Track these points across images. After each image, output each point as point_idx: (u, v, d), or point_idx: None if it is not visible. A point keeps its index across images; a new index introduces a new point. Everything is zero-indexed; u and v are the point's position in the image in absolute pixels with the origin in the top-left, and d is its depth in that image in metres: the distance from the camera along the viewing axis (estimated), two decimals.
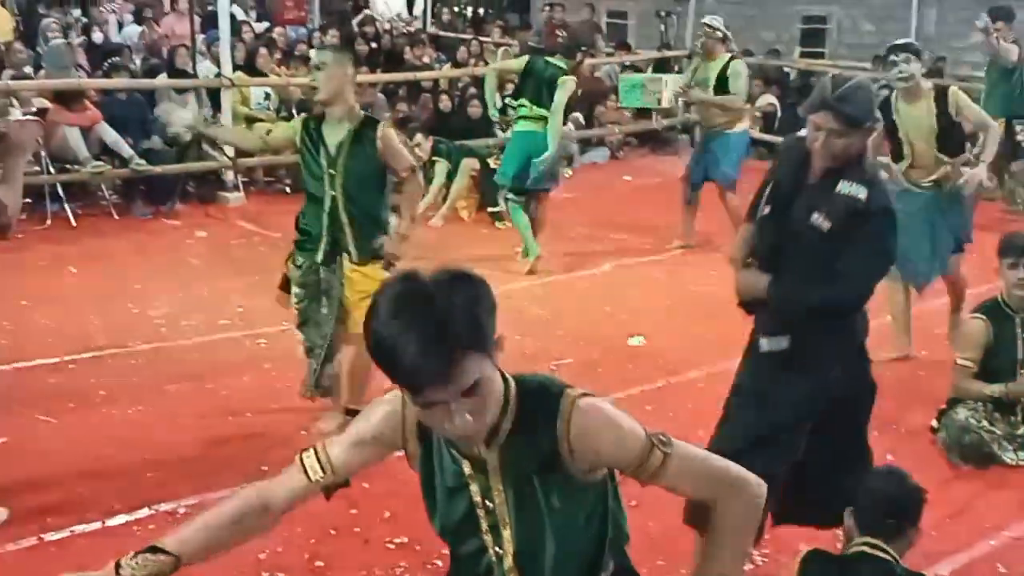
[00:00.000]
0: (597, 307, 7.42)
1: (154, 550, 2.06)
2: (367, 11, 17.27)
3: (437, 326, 1.84)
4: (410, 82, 12.35)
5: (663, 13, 15.03)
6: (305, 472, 2.20)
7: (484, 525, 2.19)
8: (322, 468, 2.19)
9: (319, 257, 4.99)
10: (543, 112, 7.91)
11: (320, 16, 16.67)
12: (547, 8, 16.58)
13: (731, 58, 8.76)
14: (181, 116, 10.22)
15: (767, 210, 3.59)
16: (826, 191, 3.42)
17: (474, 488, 2.17)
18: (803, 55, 15.60)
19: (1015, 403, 5.07)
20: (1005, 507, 4.69)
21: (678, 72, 14.13)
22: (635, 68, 14.15)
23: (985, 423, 5.02)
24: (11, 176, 4.06)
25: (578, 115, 12.52)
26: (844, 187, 3.38)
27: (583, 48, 8.88)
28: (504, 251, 8.55)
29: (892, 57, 5.96)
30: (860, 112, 3.38)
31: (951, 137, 6.02)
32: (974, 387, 5.11)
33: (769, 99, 13.14)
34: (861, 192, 3.36)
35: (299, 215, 5.14)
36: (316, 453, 2.21)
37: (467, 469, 2.15)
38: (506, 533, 2.18)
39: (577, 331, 6.86)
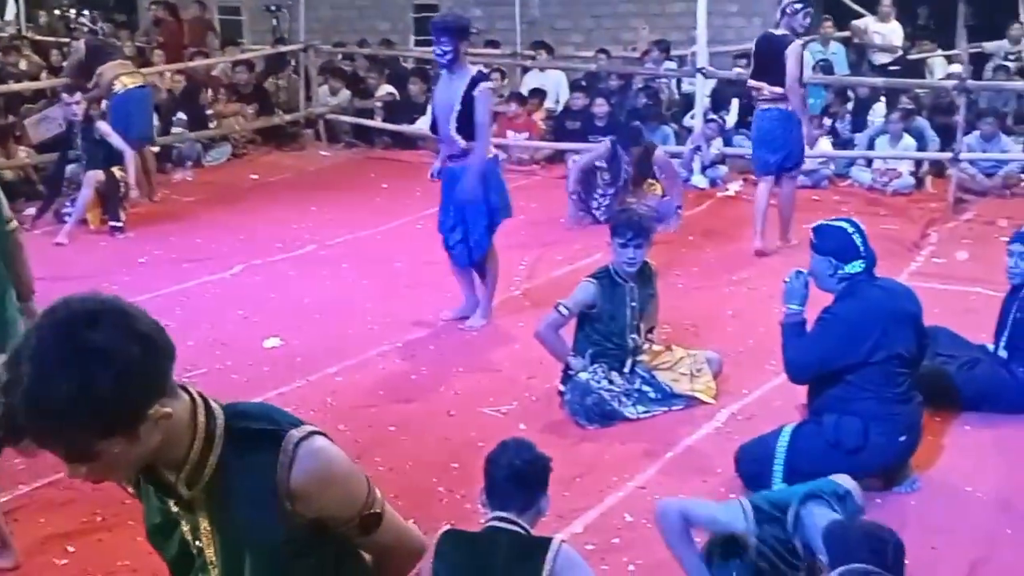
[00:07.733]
0: (231, 311, 7.18)
1: None
2: None
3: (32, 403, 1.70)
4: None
5: (273, 8, 14.92)
6: None
7: (196, 563, 2.07)
8: None
9: None
10: None
11: None
12: (152, 7, 15.92)
13: None
14: None
15: None
16: None
17: (185, 528, 2.03)
18: (418, 44, 15.82)
19: (623, 361, 5.42)
20: (630, 460, 4.97)
21: (294, 67, 14.02)
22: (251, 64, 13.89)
23: (604, 382, 5.31)
24: None
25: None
26: None
27: None
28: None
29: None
30: None
31: None
32: None
33: (387, 88, 13.40)
34: None
35: None
36: None
37: (172, 507, 2.01)
38: (213, 574, 2.05)
39: (213, 338, 6.62)
